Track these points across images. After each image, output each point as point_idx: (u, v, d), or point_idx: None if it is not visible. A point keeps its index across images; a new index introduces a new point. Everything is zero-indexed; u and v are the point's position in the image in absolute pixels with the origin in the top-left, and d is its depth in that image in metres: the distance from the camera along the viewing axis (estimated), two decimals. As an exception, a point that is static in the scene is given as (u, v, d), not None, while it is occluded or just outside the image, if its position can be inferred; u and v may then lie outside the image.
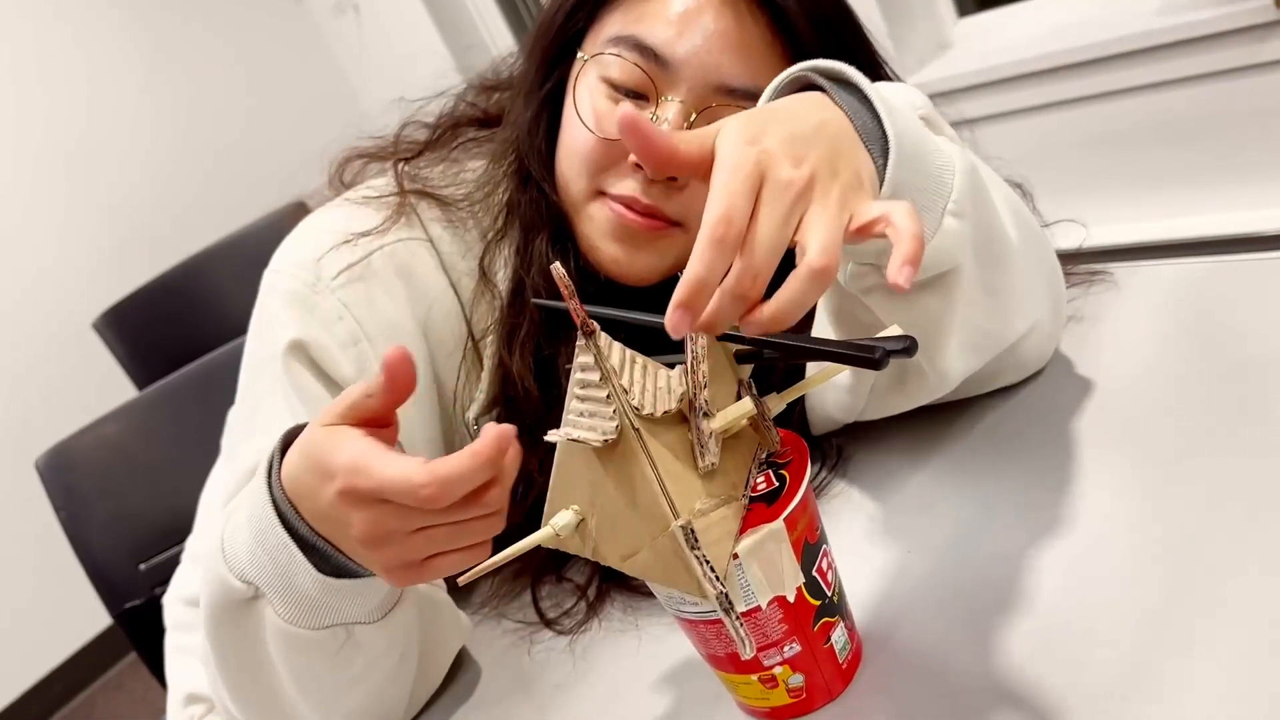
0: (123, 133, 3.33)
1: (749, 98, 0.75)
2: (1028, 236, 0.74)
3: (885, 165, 0.59)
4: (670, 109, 0.75)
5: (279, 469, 0.61)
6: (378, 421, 0.56)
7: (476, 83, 0.92)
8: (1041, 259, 0.76)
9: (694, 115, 0.75)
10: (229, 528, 0.65)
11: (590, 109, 0.78)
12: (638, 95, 0.77)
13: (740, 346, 0.60)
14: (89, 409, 1.47)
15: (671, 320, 0.49)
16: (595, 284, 0.81)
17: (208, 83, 3.54)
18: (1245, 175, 1.98)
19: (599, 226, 0.79)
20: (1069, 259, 0.88)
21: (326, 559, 0.61)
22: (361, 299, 0.78)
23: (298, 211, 0.86)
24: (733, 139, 0.52)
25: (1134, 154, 2.07)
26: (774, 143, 0.53)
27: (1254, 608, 0.53)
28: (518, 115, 0.84)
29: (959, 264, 0.65)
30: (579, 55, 0.79)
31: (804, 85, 0.64)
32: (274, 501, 0.61)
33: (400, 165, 0.85)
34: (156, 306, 2.26)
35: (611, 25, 0.78)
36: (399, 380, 0.53)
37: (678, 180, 0.76)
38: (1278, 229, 1.90)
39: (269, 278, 0.81)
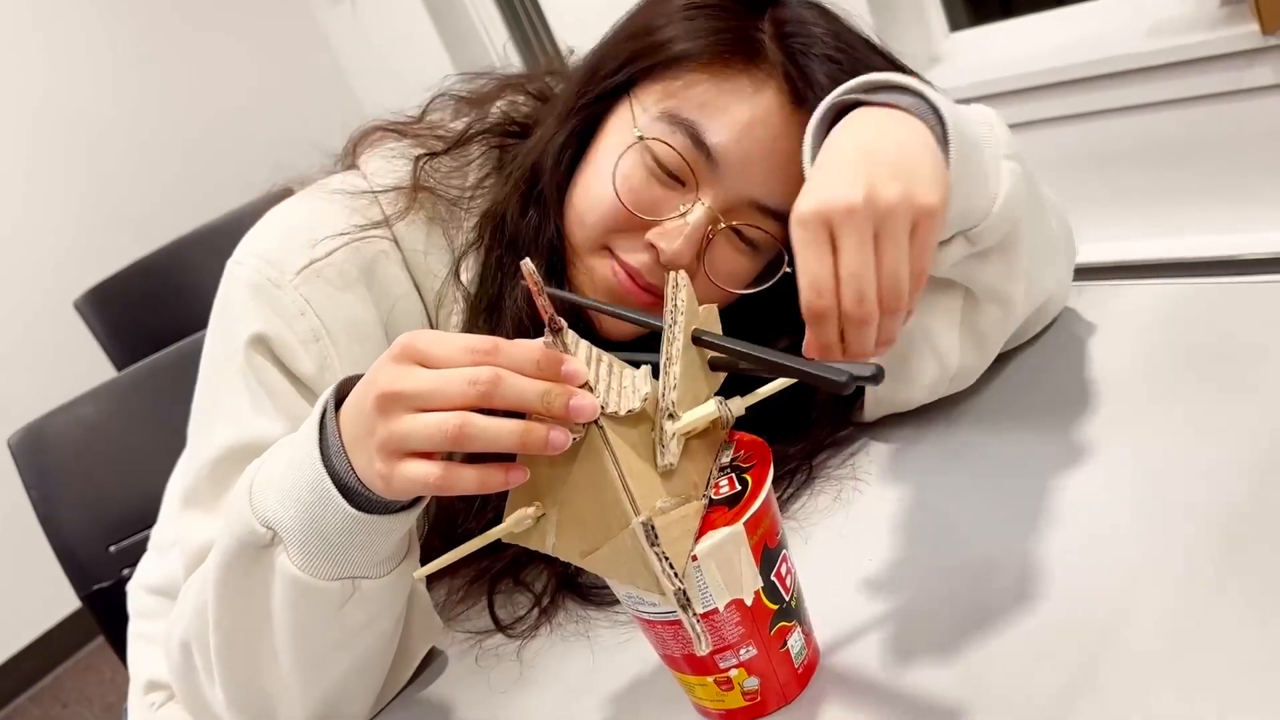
0: (112, 113, 3.31)
1: (777, 218, 0.76)
2: (1046, 193, 0.79)
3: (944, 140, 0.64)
4: (698, 212, 0.75)
5: (334, 409, 0.62)
6: None
7: (522, 80, 0.90)
8: (1056, 213, 0.81)
9: (720, 223, 0.76)
10: (260, 474, 0.65)
11: (626, 176, 0.76)
12: (676, 179, 0.76)
13: (716, 355, 0.61)
14: (67, 388, 1.46)
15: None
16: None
17: (199, 65, 3.52)
18: (1228, 199, 1.99)
19: (594, 282, 0.79)
20: None
21: (353, 497, 0.61)
22: (324, 295, 0.77)
23: (284, 198, 0.85)
24: (797, 219, 0.59)
25: (1118, 174, 2.09)
26: (834, 183, 0.59)
27: (1213, 634, 0.54)
28: (546, 140, 0.81)
29: (1025, 205, 0.70)
30: (634, 131, 0.76)
31: (840, 110, 0.68)
32: (321, 438, 0.61)
33: (422, 160, 0.83)
34: (139, 288, 2.25)
35: (674, 92, 0.76)
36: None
37: (690, 269, 0.76)
38: (1259, 253, 1.92)
39: (232, 268, 0.80)
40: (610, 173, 0.76)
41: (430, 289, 0.82)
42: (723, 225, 0.76)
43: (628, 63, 0.78)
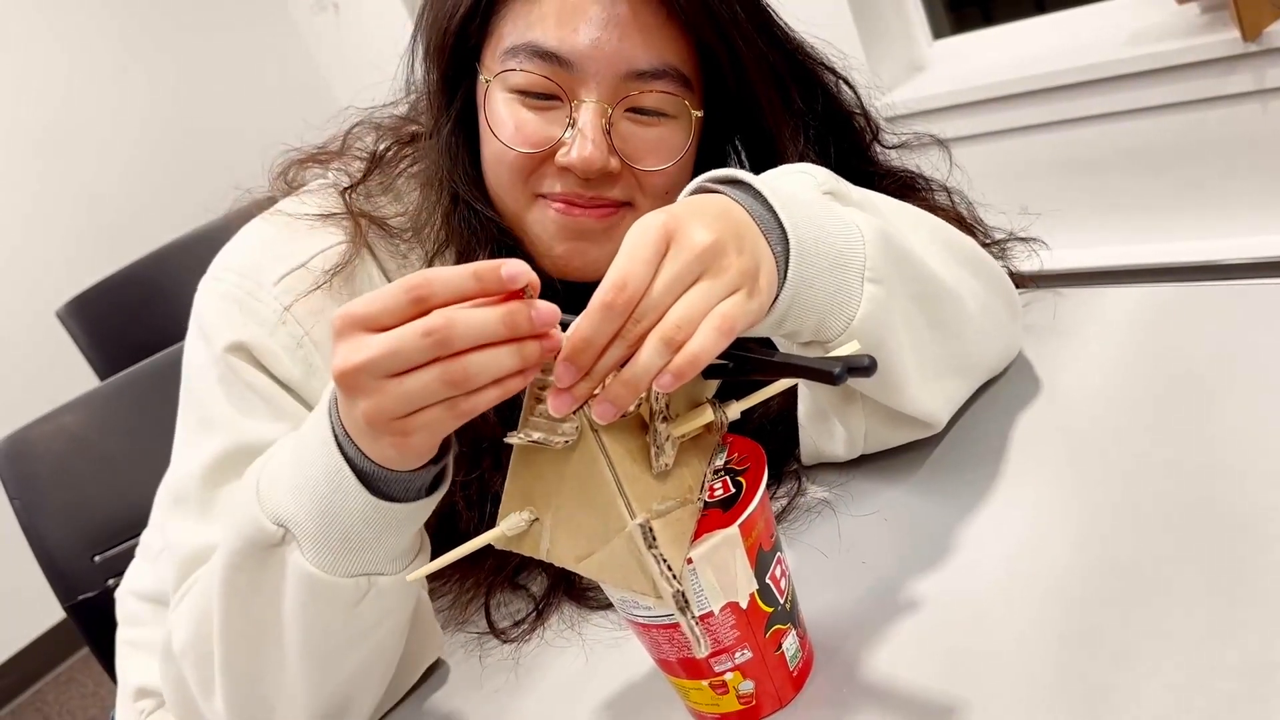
0: (95, 121, 3.29)
1: (660, 77, 0.75)
2: (962, 262, 0.75)
3: (787, 255, 0.62)
4: (585, 112, 0.74)
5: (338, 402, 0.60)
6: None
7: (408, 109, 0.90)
8: (981, 275, 0.78)
9: (610, 110, 0.75)
10: (267, 471, 0.64)
11: (507, 123, 0.76)
12: (549, 98, 0.76)
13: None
14: (50, 398, 1.45)
15: (560, 376, 0.53)
16: (550, 292, 0.81)
17: (183, 74, 3.51)
18: (1210, 204, 2.01)
19: (547, 229, 0.79)
20: (1032, 280, 0.90)
21: (369, 484, 0.60)
22: (304, 303, 0.77)
23: (268, 207, 0.85)
24: (642, 219, 0.56)
25: (1101, 180, 2.10)
26: (683, 211, 0.56)
27: (1189, 628, 0.54)
28: (435, 141, 0.82)
29: (893, 324, 0.66)
30: (481, 77, 0.78)
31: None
32: (333, 425, 0.60)
33: (348, 194, 0.83)
34: (122, 297, 2.24)
35: (506, 35, 0.76)
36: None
37: (611, 168, 0.76)
38: (1241, 258, 1.93)
39: (208, 284, 0.80)
40: (491, 132, 0.77)
41: None
42: (612, 109, 0.75)
43: (450, 29, 0.78)
